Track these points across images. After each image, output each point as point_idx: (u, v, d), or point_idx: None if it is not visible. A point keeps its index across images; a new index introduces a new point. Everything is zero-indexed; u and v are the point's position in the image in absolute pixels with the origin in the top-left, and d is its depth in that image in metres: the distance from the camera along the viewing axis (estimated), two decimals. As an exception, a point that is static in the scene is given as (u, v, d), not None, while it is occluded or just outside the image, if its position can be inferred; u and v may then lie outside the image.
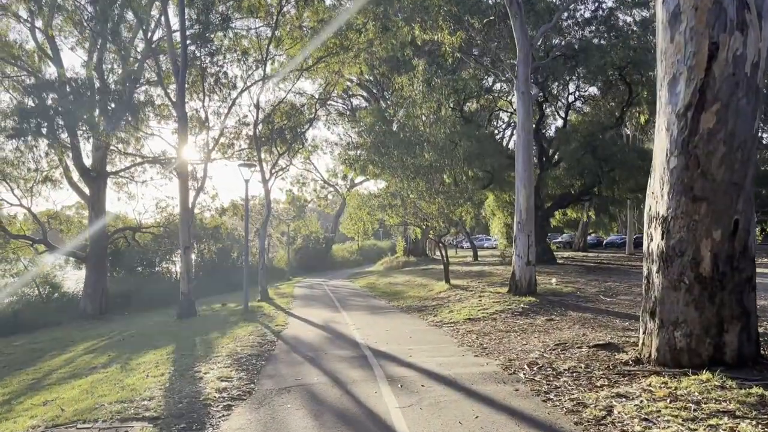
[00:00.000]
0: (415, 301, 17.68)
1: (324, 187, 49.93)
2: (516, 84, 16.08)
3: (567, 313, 12.63)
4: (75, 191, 24.71)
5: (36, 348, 16.83)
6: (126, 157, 28.19)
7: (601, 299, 14.98)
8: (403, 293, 20.47)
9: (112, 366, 10.75)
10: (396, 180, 18.47)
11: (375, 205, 19.72)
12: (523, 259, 15.28)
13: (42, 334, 20.48)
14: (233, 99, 24.25)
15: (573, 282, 19.08)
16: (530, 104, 15.98)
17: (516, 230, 15.68)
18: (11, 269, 27.12)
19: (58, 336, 19.07)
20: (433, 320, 13.12)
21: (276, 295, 23.39)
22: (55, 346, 16.61)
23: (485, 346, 9.35)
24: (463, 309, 14.02)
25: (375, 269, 39.49)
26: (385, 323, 13.07)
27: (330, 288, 26.50)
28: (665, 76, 6.96)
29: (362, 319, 14.01)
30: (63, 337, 18.50)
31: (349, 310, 16.51)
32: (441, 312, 14.24)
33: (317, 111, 26.44)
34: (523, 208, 15.50)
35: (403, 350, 9.34)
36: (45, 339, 19.03)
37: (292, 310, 17.55)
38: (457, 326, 11.86)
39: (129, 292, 28.59)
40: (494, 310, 13.34)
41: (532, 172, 15.94)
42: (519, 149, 15.85)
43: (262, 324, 13.94)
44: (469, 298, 16.24)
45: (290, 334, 12.14)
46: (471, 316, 12.84)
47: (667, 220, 6.91)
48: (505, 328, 11.07)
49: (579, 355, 8.13)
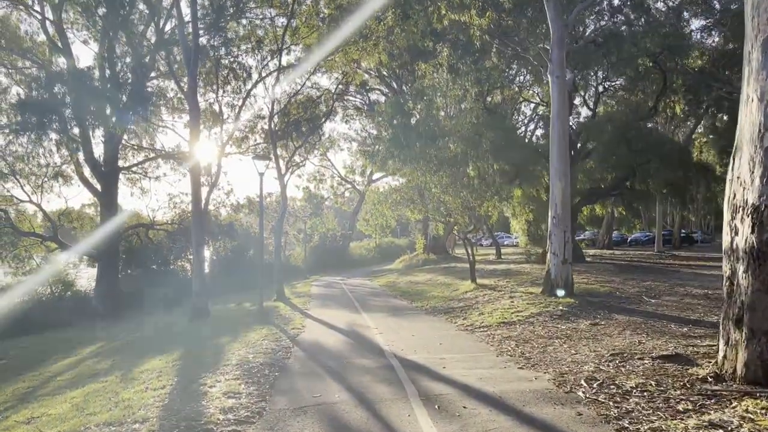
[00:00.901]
0: (440, 301, 16.55)
1: (341, 183, 49.16)
2: (549, 68, 14.86)
3: (612, 317, 11.41)
4: (86, 187, 24.04)
5: (42, 350, 16.09)
6: (139, 152, 27.53)
7: (644, 300, 13.71)
8: (426, 293, 19.35)
9: (113, 373, 9.84)
10: (418, 173, 17.36)
11: (397, 199, 18.61)
12: (558, 257, 14.07)
13: (52, 334, 19.80)
14: (248, 91, 23.40)
15: (608, 281, 17.80)
16: (566, 90, 14.76)
17: (551, 226, 14.47)
18: (23, 267, 26.61)
19: (67, 337, 18.34)
20: (462, 324, 11.99)
21: (292, 295, 22.43)
22: (62, 347, 15.85)
23: (528, 356, 8.21)
24: (495, 311, 12.87)
25: (394, 267, 38.37)
26: (410, 327, 11.97)
27: (348, 287, 25.47)
28: (758, 34, 5.76)
29: (385, 322, 12.93)
30: (72, 338, 17.76)
31: (369, 311, 15.43)
32: (470, 314, 13.10)
33: (334, 103, 25.40)
34: (559, 202, 14.28)
35: (434, 360, 8.25)
36: (53, 340, 18.34)
37: (308, 311, 16.55)
38: (491, 331, 10.72)
39: (143, 290, 27.86)
40: (530, 312, 12.17)
41: (568, 163, 14.73)
42: (554, 139, 14.64)
43: (277, 327, 12.93)
44: (498, 298, 15.07)
45: (307, 338, 11.11)
46: (505, 320, 11.69)
47: (760, 210, 5.71)
48: (547, 334, 9.90)
49: (643, 368, 6.96)
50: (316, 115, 23.98)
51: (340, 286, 26.11)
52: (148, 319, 21.61)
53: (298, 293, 23.25)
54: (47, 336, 19.36)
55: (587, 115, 26.82)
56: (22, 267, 26.63)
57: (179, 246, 31.98)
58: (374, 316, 14.27)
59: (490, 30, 15.42)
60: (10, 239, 24.42)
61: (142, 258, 30.68)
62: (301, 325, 12.97)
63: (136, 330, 17.60)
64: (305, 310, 16.67)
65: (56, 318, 22.30)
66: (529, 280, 18.43)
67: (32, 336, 19.70)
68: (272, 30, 23.52)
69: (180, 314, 19.56)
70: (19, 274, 26.59)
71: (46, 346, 16.95)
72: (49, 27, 23.39)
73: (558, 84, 14.58)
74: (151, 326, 18.05)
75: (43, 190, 24.57)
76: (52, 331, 20.36)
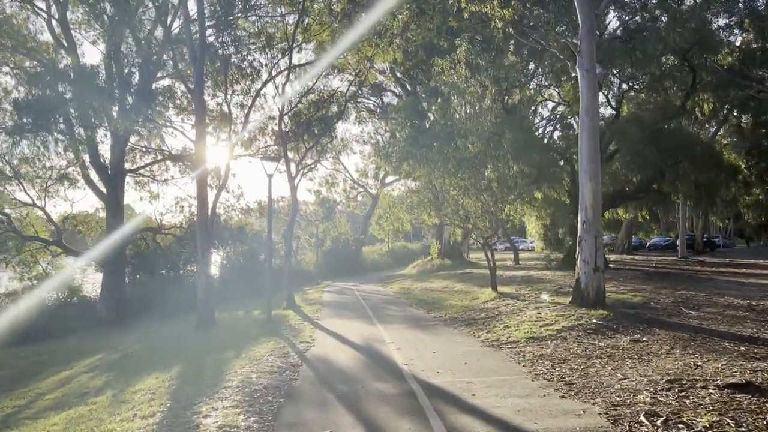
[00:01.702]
0: (460, 311, 15.51)
1: (354, 187, 48.38)
2: (578, 61, 13.81)
3: (653, 331, 10.32)
4: (92, 189, 23.30)
5: (40, 361, 15.32)
6: (147, 154, 26.82)
7: (683, 312, 12.58)
8: (443, 301, 18.32)
9: (104, 393, 8.97)
10: (436, 175, 16.37)
11: (414, 202, 17.61)
12: (589, 265, 12.96)
13: (53, 343, 19.03)
14: (257, 90, 22.59)
15: (639, 290, 16.65)
16: (596, 84, 13.71)
17: (580, 231, 13.38)
18: (29, 272, 25.97)
19: (68, 347, 17.56)
20: (487, 338, 10.95)
21: (303, 302, 21.52)
22: (60, 359, 15.08)
23: (569, 381, 7.18)
24: (522, 324, 11.82)
25: (408, 272, 37.34)
26: (430, 341, 10.96)
27: (361, 294, 24.50)
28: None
29: (402, 335, 11.92)
30: (72, 349, 16.99)
31: (384, 322, 14.42)
32: (494, 327, 12.06)
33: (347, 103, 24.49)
34: (589, 205, 13.19)
35: (461, 384, 7.25)
36: (53, 350, 17.57)
37: (320, 320, 15.60)
38: (520, 348, 9.68)
39: (150, 296, 27.06)
40: (560, 326, 11.10)
41: (599, 163, 13.64)
42: (583, 138, 13.56)
43: (285, 339, 11.99)
44: (523, 309, 14.01)
45: (317, 354, 10.15)
46: (534, 334, 10.64)
47: None
48: (584, 353, 8.85)
49: (710, 400, 5.91)
50: (328, 116, 23.08)
51: (353, 293, 25.16)
52: (154, 327, 20.79)
53: (309, 300, 22.35)
54: (49, 345, 18.60)
55: (610, 114, 25.61)
56: (27, 272, 26.01)
57: (189, 251, 31.21)
58: (390, 327, 13.27)
59: (513, 21, 14.41)
60: (14, 244, 23.80)
61: (150, 263, 29.94)
62: (311, 338, 12.02)
63: (139, 340, 16.76)
64: (316, 320, 15.73)
65: (60, 326, 21.53)
66: (553, 289, 17.32)
67: (34, 345, 18.96)
68: (283, 27, 22.69)
69: (187, 322, 18.70)
70: (25, 279, 25.98)
71: (45, 356, 16.18)
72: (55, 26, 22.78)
73: (588, 78, 13.52)
74: (155, 336, 17.23)
75: (48, 193, 23.88)
76: (55, 340, 19.61)
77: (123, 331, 20.34)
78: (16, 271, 25.93)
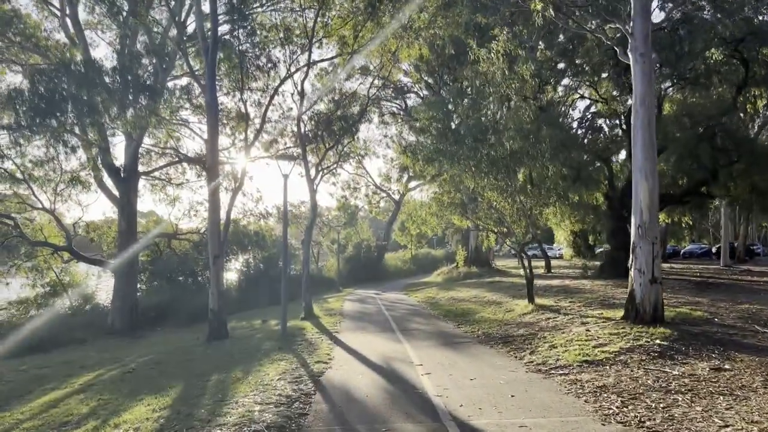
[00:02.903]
0: (494, 326, 13.93)
1: (376, 192, 47.15)
2: (631, 44, 12.23)
3: (732, 356, 8.65)
4: (104, 193, 22.38)
5: (39, 375, 14.16)
6: (162, 156, 25.89)
7: (759, 331, 10.84)
8: (474, 313, 16.76)
9: (86, 424, 7.69)
10: (467, 175, 14.87)
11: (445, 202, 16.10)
12: (645, 275, 11.31)
13: (59, 354, 17.99)
14: (275, 88, 21.36)
15: (693, 303, 14.87)
16: (652, 70, 12.08)
17: (634, 237, 11.74)
18: (41, 278, 25.20)
19: (72, 359, 16.43)
20: (531, 361, 9.39)
21: (322, 312, 20.18)
22: (59, 373, 13.89)
23: (653, 427, 5.62)
24: (570, 344, 10.23)
25: (432, 280, 35.78)
26: (465, 365, 9.45)
27: (384, 303, 23.07)
28: None
29: (431, 356, 10.43)
30: (75, 361, 15.84)
31: (410, 338, 12.94)
32: (538, 347, 10.49)
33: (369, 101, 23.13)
34: (645, 207, 11.56)
35: (512, 429, 5.75)
36: (56, 362, 16.42)
37: (339, 334, 14.21)
38: (575, 375, 8.12)
39: (165, 304, 26.08)
40: (618, 347, 9.48)
41: (656, 159, 11.98)
42: (637, 130, 11.95)
43: (299, 358, 10.62)
44: (567, 324, 12.40)
45: (334, 379, 8.73)
46: (588, 357, 9.05)
47: None
48: (657, 384, 7.25)
49: None
50: (349, 115, 21.75)
51: (375, 302, 23.75)
52: (165, 338, 19.69)
53: (328, 310, 20.99)
54: (54, 356, 17.56)
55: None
56: (40, 278, 25.27)
57: (206, 257, 30.22)
58: (417, 345, 11.78)
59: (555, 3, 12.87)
60: (26, 249, 23.01)
61: (166, 269, 29.03)
62: (328, 357, 10.61)
63: (146, 352, 15.58)
64: (335, 333, 14.35)
65: (70, 335, 20.55)
66: (596, 301, 15.63)
67: (40, 355, 17.97)
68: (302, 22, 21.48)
69: (201, 332, 17.54)
70: (37, 286, 25.23)
71: (46, 369, 15.04)
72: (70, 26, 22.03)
73: (642, 63, 11.91)
74: (163, 348, 16.04)
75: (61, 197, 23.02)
76: (61, 351, 18.59)
77: (133, 342, 19.26)
78: (28, 277, 25.25)
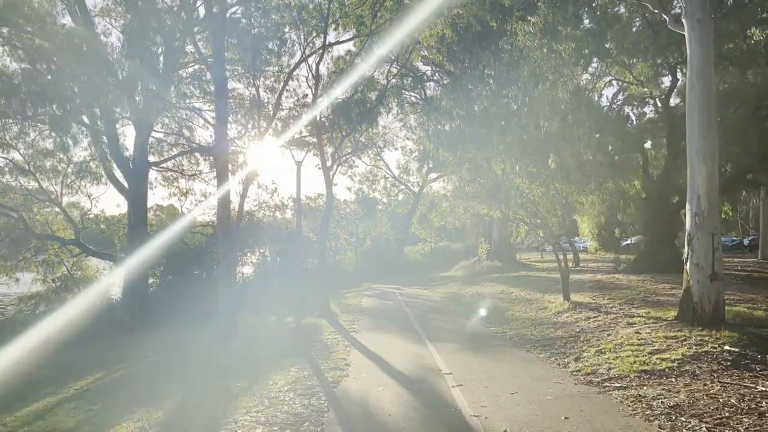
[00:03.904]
0: (528, 326, 12.66)
1: (395, 185, 46.06)
2: (685, 9, 10.82)
3: (821, 367, 7.31)
4: (113, 184, 21.48)
5: (36, 377, 13.27)
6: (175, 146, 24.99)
7: (837, 335, 9.43)
8: (503, 311, 15.50)
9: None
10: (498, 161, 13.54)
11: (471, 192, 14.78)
12: (704, 271, 9.96)
13: (62, 354, 17.17)
14: (289, 72, 20.24)
15: (746, 300, 13.38)
16: (710, 38, 10.64)
17: (690, 227, 10.38)
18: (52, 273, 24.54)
19: (75, 359, 15.58)
20: (578, 370, 8.14)
21: (339, 309, 19.10)
22: (58, 376, 13.00)
23: (760, 469, 4.38)
24: (620, 349, 8.93)
25: (453, 274, 34.47)
26: (502, 374, 8.22)
27: (404, 298, 21.91)
28: None
29: (461, 362, 9.21)
30: (78, 361, 14.98)
31: (435, 339, 11.73)
32: (583, 352, 9.21)
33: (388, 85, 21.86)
34: (703, 193, 10.18)
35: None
36: (58, 363, 15.62)
37: (357, 334, 13.09)
38: (635, 389, 6.85)
39: (179, 300, 25.25)
40: (680, 354, 8.16)
41: (716, 140, 10.57)
42: (693, 107, 10.56)
43: (313, 364, 9.50)
44: (611, 325, 11.10)
45: (351, 392, 7.58)
46: (646, 366, 7.77)
47: None
48: (742, 404, 5.95)
49: None
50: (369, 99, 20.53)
51: (395, 298, 22.59)
52: (175, 336, 18.77)
53: (346, 307, 19.91)
54: (57, 356, 16.72)
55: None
56: (51, 273, 24.63)
57: (221, 251, 29.34)
58: (444, 348, 10.57)
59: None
60: (35, 243, 22.31)
61: (180, 264, 28.20)
62: (345, 363, 9.46)
63: (153, 352, 14.64)
64: (352, 333, 13.23)
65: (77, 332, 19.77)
66: (638, 298, 14.23)
67: (42, 355, 17.15)
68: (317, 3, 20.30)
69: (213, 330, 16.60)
70: (48, 281, 24.58)
71: (45, 370, 14.17)
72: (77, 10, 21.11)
73: (699, 30, 10.50)
74: (171, 347, 15.08)
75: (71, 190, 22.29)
76: (67, 349, 17.77)
77: (141, 340, 18.36)
78: (39, 272, 24.65)
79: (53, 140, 20.00)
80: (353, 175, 39.36)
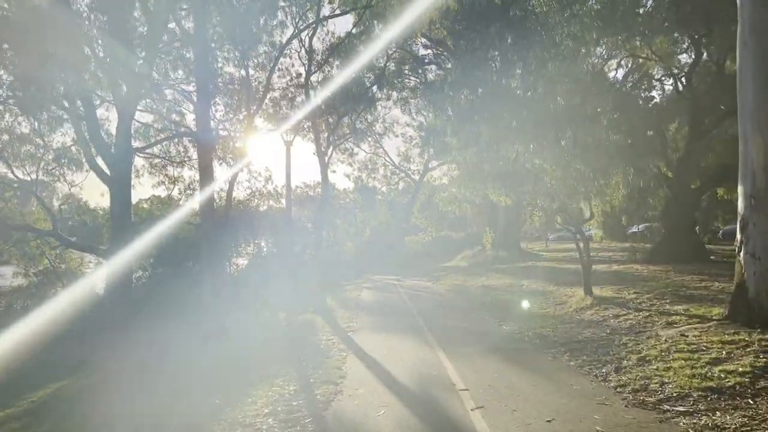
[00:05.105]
0: (547, 324, 11.20)
1: (395, 173, 44.63)
2: (735, -45, 9.31)
3: None
4: (94, 171, 19.99)
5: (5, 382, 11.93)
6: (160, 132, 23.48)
7: None
8: (516, 306, 14.05)
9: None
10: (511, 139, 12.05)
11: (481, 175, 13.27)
12: (763, 262, 8.48)
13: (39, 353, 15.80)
14: (281, 48, 18.67)
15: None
16: (765, -11, 9.14)
17: (744, 210, 8.90)
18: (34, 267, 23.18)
19: (47, 361, 14.20)
20: (624, 385, 6.67)
21: (336, 303, 17.69)
22: (20, 383, 11.61)
23: None
24: (668, 356, 7.46)
25: (456, 265, 33.05)
26: (530, 390, 6.75)
27: (406, 291, 20.47)
28: None
29: (478, 373, 7.75)
30: (56, 362, 13.69)
31: (445, 341, 10.23)
32: (623, 359, 7.73)
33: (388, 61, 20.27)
34: (760, 168, 8.68)
35: None
36: (36, 362, 14.25)
37: (354, 334, 11.65)
38: (707, 416, 5.39)
39: (170, 294, 23.85)
40: (748, 365, 6.67)
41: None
42: (746, 69, 9.06)
43: (301, 375, 8.06)
44: (647, 325, 9.64)
45: (345, 417, 6.12)
46: (710, 383, 6.29)
47: None
48: None
49: None
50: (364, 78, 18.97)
51: (396, 290, 21.15)
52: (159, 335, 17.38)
53: (343, 300, 18.49)
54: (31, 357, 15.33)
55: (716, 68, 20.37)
56: (32, 266, 23.28)
57: (223, 241, 27.92)
58: (455, 353, 9.09)
59: None
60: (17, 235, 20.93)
61: (172, 255, 26.80)
62: (339, 375, 7.99)
63: (131, 354, 13.23)
64: (350, 333, 11.79)
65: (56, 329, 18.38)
66: (668, 292, 12.75)
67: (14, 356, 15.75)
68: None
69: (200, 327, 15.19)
70: (30, 275, 23.20)
71: (17, 373, 12.78)
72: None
73: (753, -21, 8.96)
74: (154, 347, 13.68)
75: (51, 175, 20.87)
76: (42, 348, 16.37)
77: (124, 340, 16.95)
78: (19, 265, 23.33)
79: (29, 123, 18.52)
80: (352, 162, 37.88)
